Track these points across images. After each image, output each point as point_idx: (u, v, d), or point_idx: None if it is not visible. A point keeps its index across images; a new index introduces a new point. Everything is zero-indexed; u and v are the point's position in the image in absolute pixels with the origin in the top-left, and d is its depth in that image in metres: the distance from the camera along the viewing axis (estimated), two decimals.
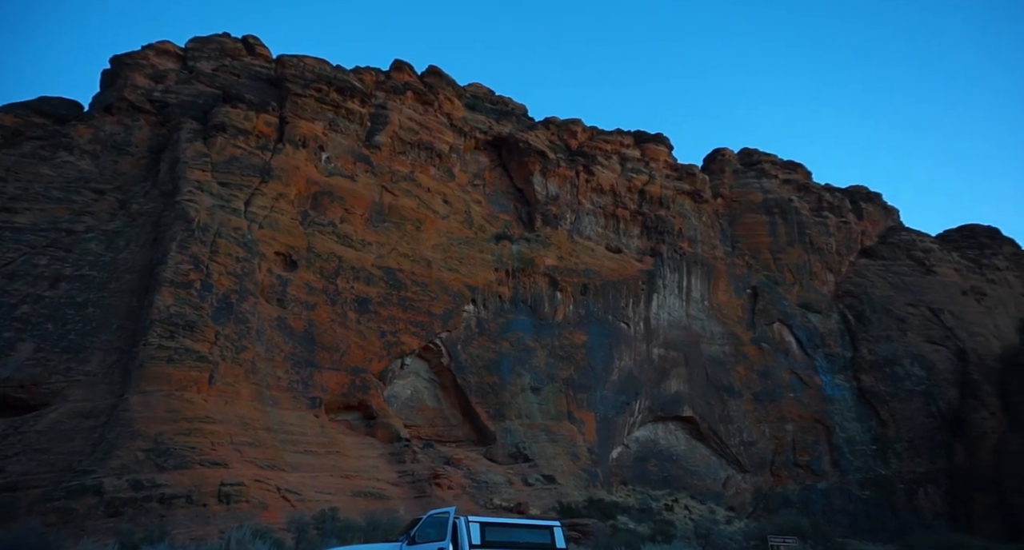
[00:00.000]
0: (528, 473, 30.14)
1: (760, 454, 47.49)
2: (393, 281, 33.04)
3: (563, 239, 42.60)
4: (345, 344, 29.71)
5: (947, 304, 59.58)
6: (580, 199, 45.71)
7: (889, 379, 54.64)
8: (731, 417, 46.21)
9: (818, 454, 50.26)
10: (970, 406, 54.06)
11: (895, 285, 59.76)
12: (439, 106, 42.30)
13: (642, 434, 42.63)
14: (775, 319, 52.59)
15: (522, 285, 39.01)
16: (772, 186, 58.88)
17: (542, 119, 50.71)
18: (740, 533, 31.32)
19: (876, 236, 64.66)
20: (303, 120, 33.85)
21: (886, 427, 53.17)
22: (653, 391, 42.73)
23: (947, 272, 61.82)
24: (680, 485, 40.75)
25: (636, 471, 40.51)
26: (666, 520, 31.17)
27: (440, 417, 33.03)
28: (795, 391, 50.89)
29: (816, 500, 48.18)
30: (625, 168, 49.44)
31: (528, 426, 34.12)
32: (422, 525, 11.51)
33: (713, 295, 49.08)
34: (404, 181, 37.00)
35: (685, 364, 44.97)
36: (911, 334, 57.09)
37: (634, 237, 47.44)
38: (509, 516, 24.16)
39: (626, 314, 43.01)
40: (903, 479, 51.54)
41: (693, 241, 49.80)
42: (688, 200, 51.84)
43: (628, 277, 43.89)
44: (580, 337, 39.81)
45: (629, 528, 27.81)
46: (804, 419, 50.47)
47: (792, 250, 56.55)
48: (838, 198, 63.34)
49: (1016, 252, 68.43)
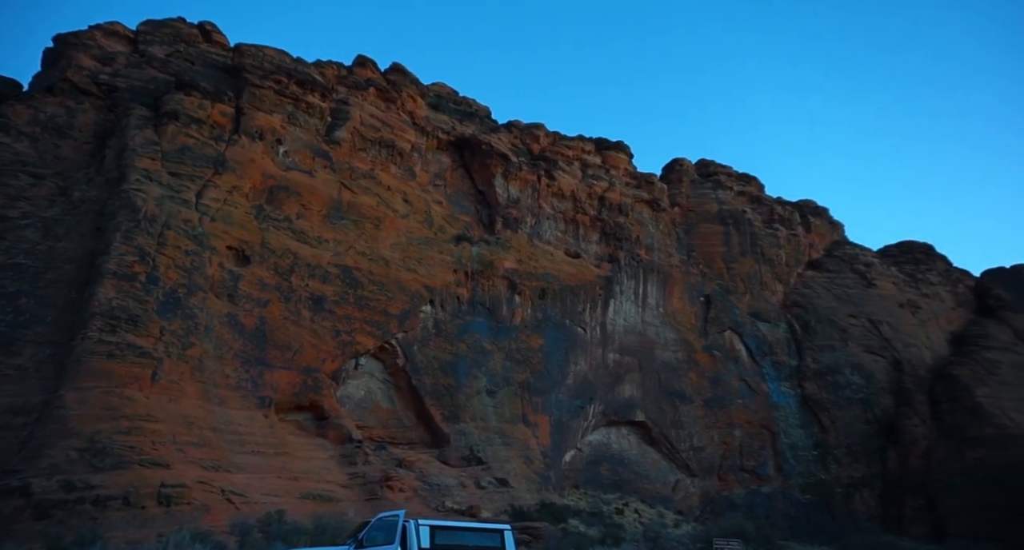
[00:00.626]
0: (481, 476, 30.02)
1: (709, 459, 48.62)
2: (350, 280, 32.45)
3: (523, 243, 42.72)
4: (298, 343, 28.99)
5: (885, 316, 62.43)
6: (541, 203, 45.95)
7: (831, 387, 56.81)
8: (682, 422, 47.17)
9: (763, 459, 51.80)
10: (903, 414, 56.75)
11: (839, 297, 62.25)
12: (402, 104, 41.88)
13: (595, 438, 43.07)
14: (727, 327, 54.02)
15: (481, 287, 38.91)
16: (727, 198, 60.58)
17: (505, 122, 50.83)
18: (687, 536, 32.00)
19: (822, 249, 67.24)
20: (261, 112, 32.95)
21: (827, 433, 55.24)
22: (607, 396, 43.22)
23: (886, 286, 64.80)
24: (631, 489, 41.32)
25: (588, 475, 40.88)
26: (616, 523, 31.54)
27: (394, 419, 32.57)
28: (744, 398, 52.36)
29: (760, 504, 49.66)
30: (586, 174, 50.00)
31: (483, 429, 33.99)
32: (371, 528, 11.31)
33: (668, 302, 50.07)
34: (364, 178, 36.43)
35: (639, 370, 45.68)
36: (852, 344, 59.56)
37: (593, 243, 47.97)
38: (461, 519, 24.00)
39: (583, 319, 43.42)
40: (841, 483, 53.65)
41: (650, 249, 50.71)
42: (646, 208, 52.79)
43: (586, 282, 44.33)
44: (537, 341, 39.95)
45: (580, 531, 28.03)
46: (751, 425, 51.97)
47: (744, 260, 58.25)
48: (788, 211, 65.64)
49: (948, 268, 72.32)
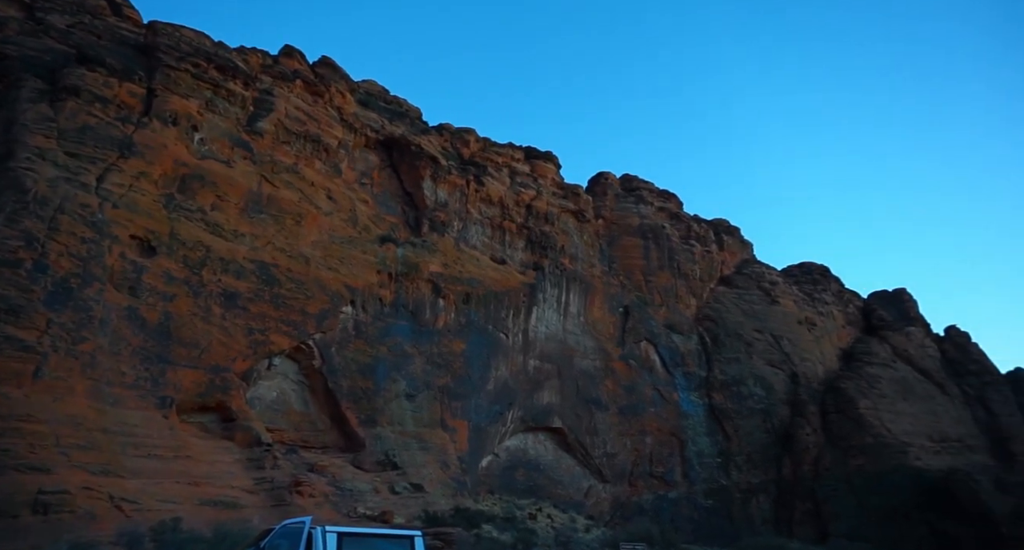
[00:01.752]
0: (396, 481, 29.45)
1: (621, 465, 50.05)
2: (266, 276, 31.08)
3: (449, 246, 42.53)
4: (206, 340, 27.38)
5: (786, 332, 66.86)
6: (469, 208, 45.96)
7: (735, 398, 60.07)
8: (597, 429, 48.33)
9: (671, 466, 53.94)
10: (798, 424, 60.86)
11: (746, 312, 66.04)
12: (330, 99, 40.75)
13: (512, 444, 43.34)
14: (643, 338, 56.00)
15: (404, 290, 38.35)
16: (648, 212, 63.01)
17: (436, 125, 50.55)
18: (597, 540, 32.80)
19: (733, 266, 71.20)
20: (176, 95, 31.04)
21: (730, 441, 58.31)
22: (526, 402, 43.64)
23: (788, 303, 69.43)
24: (545, 494, 41.83)
25: (504, 480, 41.04)
26: (529, 529, 31.83)
27: (307, 422, 31.36)
28: (656, 406, 54.37)
29: (666, 508, 51.65)
30: (514, 182, 50.52)
31: (400, 433, 33.40)
32: (274, 536, 10.83)
33: (589, 311, 51.29)
34: (286, 172, 35.09)
35: (558, 377, 46.45)
36: (756, 357, 63.30)
37: (519, 250, 48.46)
38: (372, 525, 23.41)
39: (506, 325, 43.69)
40: (741, 489, 56.76)
41: (574, 258, 51.84)
42: (572, 219, 53.97)
43: (511, 289, 44.67)
44: (459, 345, 39.79)
45: (493, 537, 28.09)
46: (662, 433, 54.02)
47: (662, 274, 60.69)
48: (704, 229, 69.11)
49: (840, 289, 78.54)
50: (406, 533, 12.10)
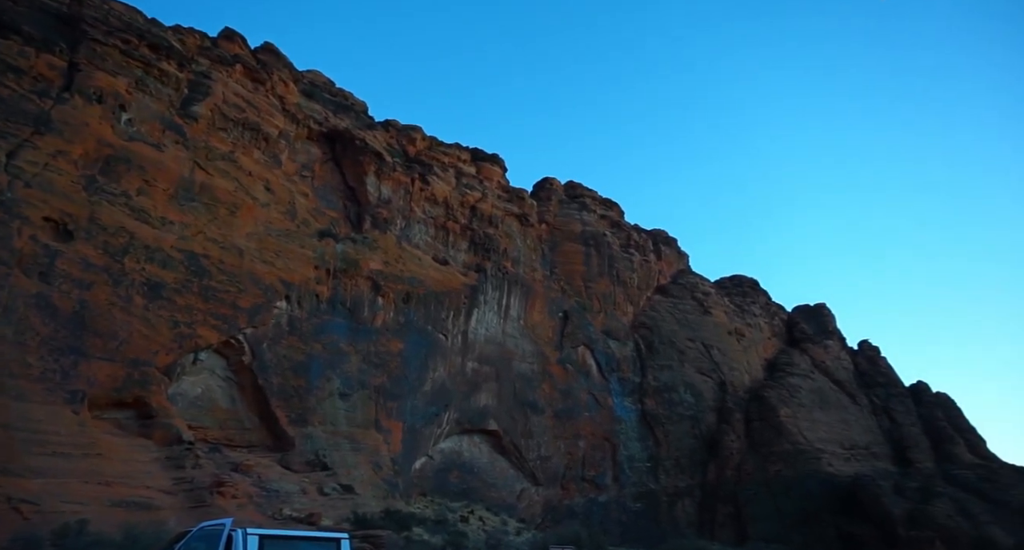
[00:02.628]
0: (325, 482, 28.59)
1: (554, 468, 50.52)
2: (195, 267, 29.62)
3: (391, 244, 41.84)
4: (126, 332, 25.77)
5: (716, 341, 69.45)
6: (413, 206, 45.42)
7: (666, 404, 61.85)
8: (532, 432, 48.62)
9: (603, 469, 54.91)
10: (723, 430, 63.28)
11: (680, 321, 68.18)
12: (272, 87, 39.40)
13: (447, 445, 42.97)
14: (581, 342, 56.84)
15: (343, 286, 37.42)
16: (591, 220, 64.15)
17: (382, 120, 49.69)
18: (527, 543, 32.93)
19: (669, 276, 73.42)
20: (102, 72, 29.20)
21: (660, 446, 59.95)
22: (463, 404, 43.40)
23: (719, 314, 72.15)
24: (478, 497, 41.68)
25: (437, 482, 40.63)
26: (460, 531, 31.61)
27: (233, 419, 30.00)
28: (590, 411, 55.25)
29: (597, 511, 52.51)
30: (460, 183, 50.31)
31: (332, 433, 32.48)
32: (190, 539, 10.27)
33: (529, 315, 51.61)
34: (222, 160, 33.63)
35: (496, 379, 46.46)
36: (687, 365, 65.43)
37: (461, 251, 48.24)
38: (298, 528, 22.64)
39: (445, 326, 43.35)
40: (668, 493, 58.43)
41: (516, 262, 52.07)
42: (516, 222, 54.24)
43: (452, 289, 44.38)
44: (397, 345, 39.17)
45: (423, 539, 27.73)
46: (595, 437, 54.92)
47: (602, 281, 61.85)
48: (643, 238, 70.97)
49: (768, 302, 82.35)
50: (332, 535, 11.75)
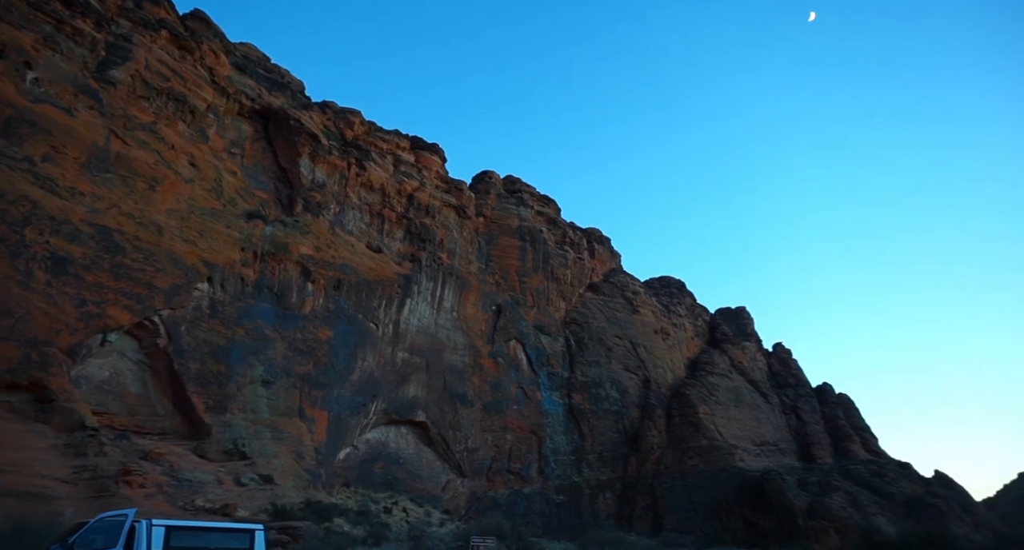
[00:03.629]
0: (243, 472, 27.51)
1: (480, 460, 50.75)
2: (108, 243, 27.70)
3: (323, 229, 40.66)
4: (24, 308, 23.80)
5: (643, 340, 71.70)
6: (348, 192, 44.29)
7: (593, 399, 63.35)
8: (460, 424, 48.62)
9: (529, 462, 55.64)
10: (646, 425, 65.53)
11: (609, 319, 69.91)
12: (200, 57, 37.33)
13: (373, 436, 42.32)
14: (512, 336, 57.27)
15: (270, 270, 36.05)
16: (528, 215, 64.66)
17: (319, 101, 48.17)
18: (450, 535, 32.93)
19: (602, 274, 75.12)
20: (5, 24, 26.77)
21: (585, 440, 61.36)
22: (391, 394, 42.84)
23: (647, 313, 74.49)
24: (403, 488, 41.29)
25: (361, 473, 39.95)
26: (383, 523, 31.22)
27: (145, 405, 28.30)
28: (519, 404, 55.81)
29: (520, 503, 53.19)
30: (398, 170, 49.48)
31: (252, 421, 31.26)
32: (87, 530, 9.68)
33: (462, 307, 51.49)
34: (142, 130, 31.59)
35: (426, 370, 46.12)
36: (615, 362, 67.23)
37: (397, 240, 47.50)
38: (211, 519, 21.71)
39: (377, 315, 42.60)
40: (590, 485, 59.94)
41: (452, 253, 51.79)
42: (453, 214, 53.91)
43: (385, 278, 43.65)
44: (325, 333, 38.15)
45: (344, 531, 27.20)
46: (522, 430, 55.54)
47: (536, 276, 62.50)
48: (578, 236, 72.23)
49: (693, 304, 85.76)
50: (246, 527, 11.37)
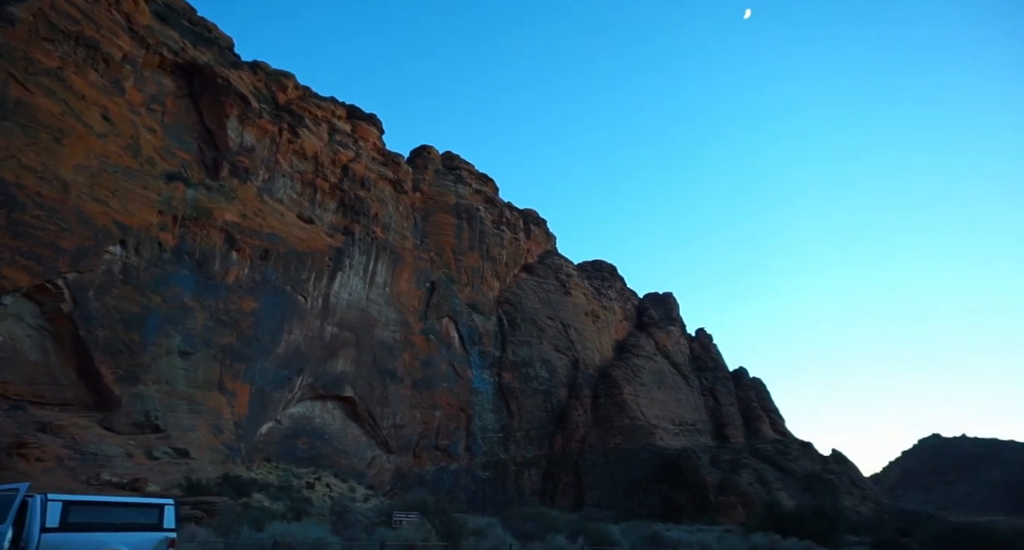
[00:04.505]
0: (155, 445, 26.23)
1: (408, 437, 50.63)
2: (6, 197, 25.37)
3: (251, 196, 38.83)
4: None
5: (574, 321, 73.14)
6: (279, 158, 42.41)
7: (523, 378, 64.28)
8: (389, 400, 48.22)
9: (456, 439, 56.00)
10: (572, 405, 67.23)
11: (543, 300, 70.81)
12: (116, 1, 34.45)
13: (298, 411, 41.31)
14: (445, 314, 57.06)
15: (191, 236, 34.14)
16: (466, 193, 64.16)
17: (250, 61, 45.58)
18: (373, 510, 32.76)
19: (537, 256, 75.82)
20: None
21: (513, 418, 62.31)
22: (319, 369, 41.85)
23: (579, 295, 75.93)
24: (327, 463, 40.65)
25: (284, 448, 38.99)
26: (304, 498, 30.67)
27: (45, 374, 26.33)
28: (449, 381, 55.90)
29: (446, 479, 53.59)
30: (333, 139, 47.79)
31: (167, 393, 29.75)
32: None
33: (396, 283, 50.73)
34: (47, 77, 28.93)
35: (356, 345, 45.30)
36: (545, 342, 68.33)
37: (329, 211, 46.05)
38: (118, 494, 20.63)
39: (306, 287, 41.32)
40: (516, 462, 61.10)
41: (387, 228, 50.78)
42: (389, 187, 52.75)
43: (316, 250, 42.31)
44: (250, 304, 36.66)
45: (263, 506, 26.52)
46: (452, 407, 55.73)
47: (471, 254, 62.32)
48: (515, 216, 72.42)
49: (623, 288, 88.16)
50: (154, 502, 10.86)
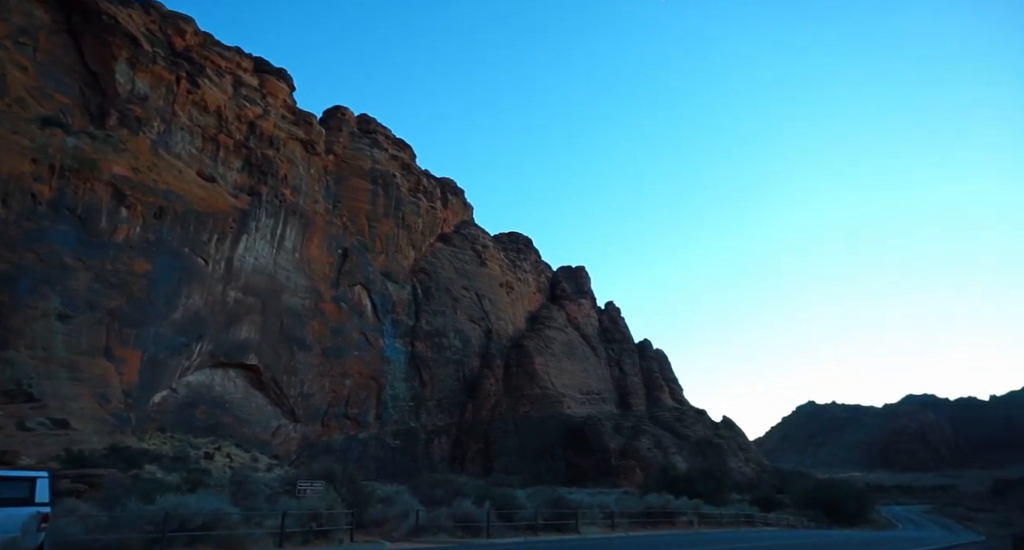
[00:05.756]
0: (29, 415, 24.15)
1: (316, 406, 49.55)
2: None
3: (144, 149, 35.81)
4: None
5: (489, 292, 73.74)
6: (177, 110, 39.24)
7: (436, 348, 64.33)
8: (297, 369, 46.84)
9: (367, 408, 55.47)
10: (484, 374, 68.26)
11: (458, 270, 70.73)
12: None
13: (196, 379, 39.25)
14: (358, 282, 55.75)
15: (73, 189, 31.10)
16: (382, 158, 62.32)
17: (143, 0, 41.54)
18: (277, 480, 32.00)
19: (453, 226, 75.33)
20: None
21: (425, 387, 62.44)
22: (220, 335, 39.85)
23: (494, 267, 76.47)
24: (228, 433, 39.13)
25: (180, 417, 37.05)
26: (202, 469, 29.55)
27: None
28: (360, 350, 54.98)
29: (355, 448, 53.14)
30: (238, 94, 44.74)
31: (43, 360, 27.31)
32: None
33: (306, 248, 48.84)
34: None
35: (262, 312, 43.45)
36: (460, 312, 68.54)
37: (234, 170, 43.34)
38: None
39: (207, 250, 38.93)
40: (426, 431, 61.50)
41: (297, 191, 48.55)
42: (300, 148, 50.29)
43: (218, 211, 39.82)
44: (143, 265, 34.11)
45: (156, 478, 25.29)
46: (362, 376, 54.97)
47: (386, 222, 60.96)
48: (432, 185, 71.34)
49: (538, 260, 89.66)
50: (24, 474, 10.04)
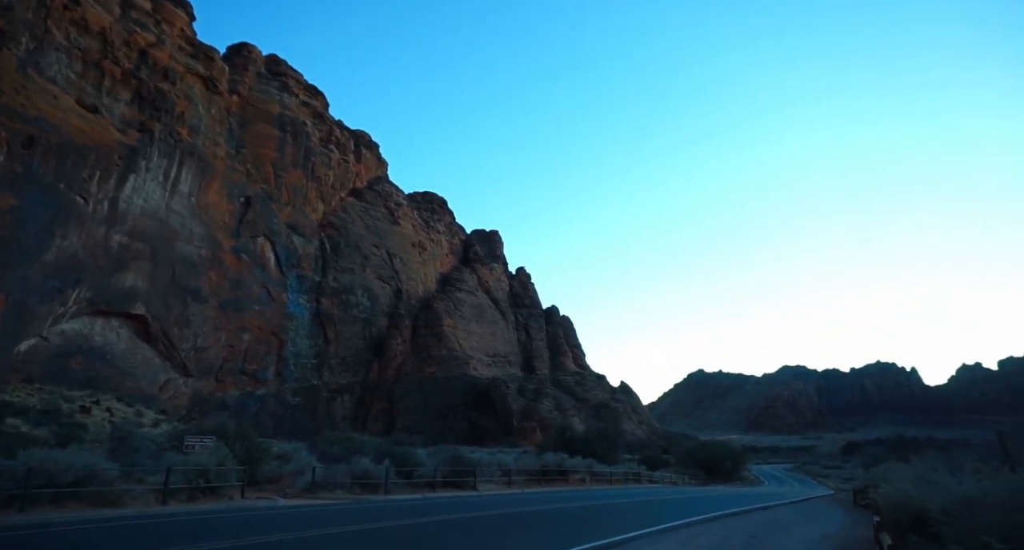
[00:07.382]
0: None
1: (210, 360, 47.33)
2: None
3: (8, 68, 31.76)
4: None
5: (400, 251, 72.70)
6: (52, 27, 34.92)
7: (343, 305, 62.99)
8: (190, 321, 44.34)
9: (266, 364, 53.67)
10: (392, 334, 67.86)
11: (369, 227, 69.03)
12: None
13: (71, 327, 36.19)
14: (261, 233, 53.09)
15: None
16: (292, 104, 58.87)
17: None
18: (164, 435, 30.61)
19: (366, 181, 73.07)
20: None
21: (329, 345, 61.18)
22: (102, 282, 36.82)
23: (407, 226, 75.29)
24: (109, 386, 36.61)
25: (52, 368, 34.16)
26: (77, 423, 27.73)
27: None
28: (262, 304, 52.79)
29: (252, 405, 51.48)
30: (128, 16, 40.43)
31: None
32: None
33: (203, 194, 45.70)
34: None
35: (151, 259, 40.48)
36: (369, 270, 67.23)
37: (121, 102, 39.45)
38: None
39: (87, 188, 35.50)
40: (329, 389, 60.59)
41: (195, 131, 45.03)
42: (200, 85, 46.47)
43: (102, 145, 36.26)
44: (9, 200, 30.66)
45: (21, 432, 23.50)
46: (263, 331, 52.95)
47: (295, 172, 58.07)
48: (346, 137, 68.51)
49: (452, 222, 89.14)
50: None
